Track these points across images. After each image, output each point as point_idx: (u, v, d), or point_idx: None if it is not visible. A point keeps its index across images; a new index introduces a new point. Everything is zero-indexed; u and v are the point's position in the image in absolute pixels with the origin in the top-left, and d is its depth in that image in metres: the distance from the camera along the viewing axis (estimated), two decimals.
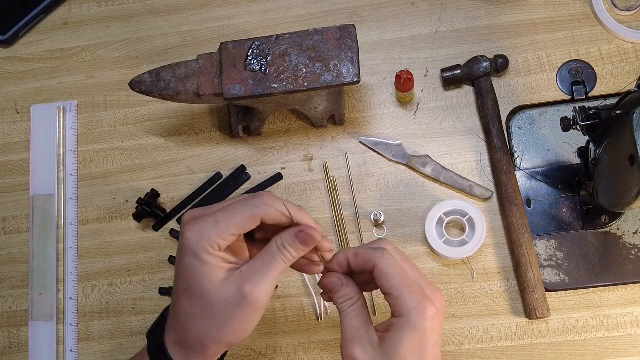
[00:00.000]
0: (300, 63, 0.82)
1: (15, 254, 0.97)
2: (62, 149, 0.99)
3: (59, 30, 1.03)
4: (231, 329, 0.62)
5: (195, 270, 0.61)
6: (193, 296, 0.62)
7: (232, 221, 0.61)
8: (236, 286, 0.61)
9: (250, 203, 0.62)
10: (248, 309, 0.61)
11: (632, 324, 0.87)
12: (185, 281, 0.62)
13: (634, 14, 0.94)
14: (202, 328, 0.62)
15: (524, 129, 0.93)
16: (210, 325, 0.62)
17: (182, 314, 0.63)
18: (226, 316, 0.61)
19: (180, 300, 0.63)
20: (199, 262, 0.61)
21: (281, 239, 0.63)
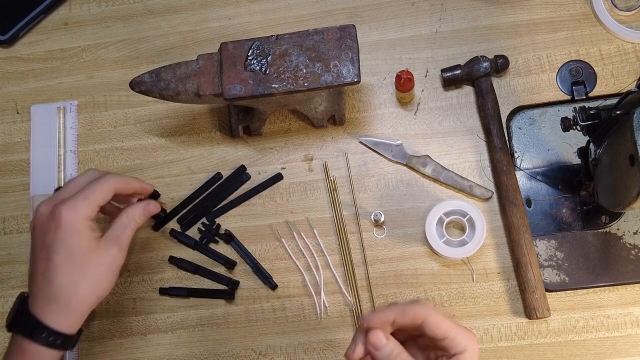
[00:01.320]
0: (300, 63, 0.82)
1: (15, 254, 0.97)
2: (62, 149, 0.99)
3: (59, 30, 1.03)
4: (104, 284, 0.78)
5: (76, 243, 0.75)
6: (76, 265, 0.75)
7: (96, 195, 0.77)
8: (107, 250, 0.78)
9: (104, 178, 0.79)
10: (116, 266, 0.78)
11: (632, 324, 0.87)
12: (68, 255, 0.75)
13: (634, 14, 0.94)
14: (82, 288, 0.75)
15: (524, 129, 0.93)
16: (89, 285, 0.76)
17: (64, 284, 0.75)
18: (101, 274, 0.77)
19: (62, 272, 0.75)
20: (79, 234, 0.76)
21: (131, 212, 0.81)
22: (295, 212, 0.94)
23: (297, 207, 0.94)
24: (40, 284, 0.76)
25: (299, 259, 0.92)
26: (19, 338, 0.75)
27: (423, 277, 0.90)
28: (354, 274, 0.91)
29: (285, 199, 0.94)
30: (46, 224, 0.77)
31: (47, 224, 0.77)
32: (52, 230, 0.76)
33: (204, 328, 0.92)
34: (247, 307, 0.92)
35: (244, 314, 0.92)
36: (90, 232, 0.77)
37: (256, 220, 0.94)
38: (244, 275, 0.93)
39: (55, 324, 0.75)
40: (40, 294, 0.76)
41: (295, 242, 0.93)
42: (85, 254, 0.76)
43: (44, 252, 0.76)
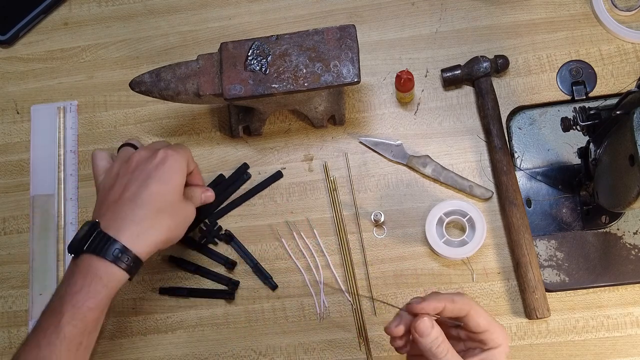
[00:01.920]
0: (300, 63, 0.82)
1: (15, 254, 0.97)
2: (62, 149, 0.99)
3: (59, 30, 1.03)
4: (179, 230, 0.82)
5: (174, 181, 0.80)
6: (166, 199, 0.79)
7: (187, 153, 0.83)
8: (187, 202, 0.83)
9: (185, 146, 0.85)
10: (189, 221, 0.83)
11: (632, 324, 0.87)
12: (164, 186, 0.79)
13: (634, 14, 0.94)
14: (165, 224, 0.79)
15: (524, 129, 0.93)
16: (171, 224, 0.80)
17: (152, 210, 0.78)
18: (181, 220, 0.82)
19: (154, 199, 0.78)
20: (178, 176, 0.80)
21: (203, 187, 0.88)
22: (295, 212, 0.94)
23: (297, 207, 0.94)
24: (127, 205, 0.78)
25: (299, 259, 0.92)
26: (86, 258, 0.75)
27: (423, 277, 0.90)
28: (354, 274, 0.91)
29: (285, 199, 0.94)
30: (149, 159, 0.80)
31: (150, 160, 0.80)
32: (156, 163, 0.80)
33: (204, 328, 0.92)
34: (247, 307, 0.92)
35: (244, 314, 0.92)
36: (184, 180, 0.81)
37: (256, 220, 0.94)
38: (244, 275, 0.93)
39: (131, 242, 0.76)
40: (122, 214, 0.77)
41: (295, 242, 0.93)
42: (175, 196, 0.80)
43: (140, 180, 0.79)
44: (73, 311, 0.74)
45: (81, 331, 0.74)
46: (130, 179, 0.80)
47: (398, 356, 0.89)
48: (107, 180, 0.82)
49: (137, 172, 0.80)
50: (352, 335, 0.90)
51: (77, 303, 0.74)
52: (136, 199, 0.78)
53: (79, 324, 0.74)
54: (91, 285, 0.74)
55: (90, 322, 0.75)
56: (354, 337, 0.90)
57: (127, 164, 0.81)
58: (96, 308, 0.75)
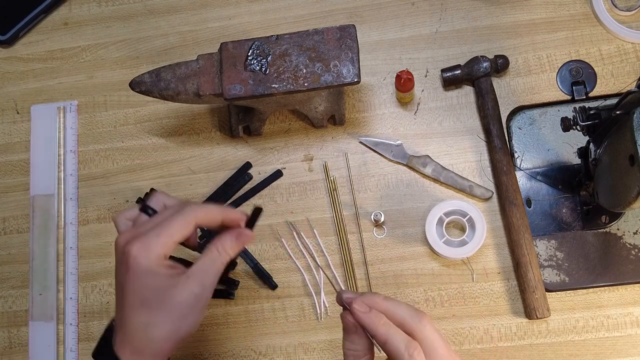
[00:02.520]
0: (300, 63, 0.82)
1: (15, 254, 0.97)
2: (62, 149, 0.99)
3: (59, 30, 1.03)
4: (185, 326, 0.68)
5: (150, 284, 0.67)
6: (152, 307, 0.67)
7: (172, 230, 0.68)
8: (189, 288, 0.67)
9: (182, 211, 0.69)
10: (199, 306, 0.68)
11: (632, 324, 0.87)
12: (141, 296, 0.67)
13: (634, 14, 0.94)
14: (164, 332, 0.67)
15: (524, 129, 0.93)
16: (171, 328, 0.67)
17: (138, 325, 0.67)
18: (184, 316, 0.67)
19: (136, 314, 0.67)
20: (153, 276, 0.67)
21: (221, 243, 0.70)
22: (295, 212, 0.94)
23: (297, 207, 0.94)
24: (119, 321, 0.69)
25: (299, 259, 0.92)
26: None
27: (423, 277, 0.90)
28: (354, 274, 0.91)
29: (285, 199, 0.94)
30: (119, 262, 0.69)
31: (119, 262, 0.69)
32: (123, 270, 0.68)
33: (203, 328, 0.92)
34: (247, 307, 0.92)
35: (244, 314, 0.92)
36: (167, 270, 0.68)
37: None
38: (244, 275, 0.93)
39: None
40: (119, 332, 0.69)
41: (295, 242, 0.93)
42: (160, 294, 0.67)
43: (118, 291, 0.69)
44: None
45: None
46: (115, 288, 0.70)
47: None
48: None
49: (116, 280, 0.70)
50: None
51: None
52: (123, 316, 0.68)
53: None
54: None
55: None
56: None
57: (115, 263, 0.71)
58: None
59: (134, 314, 0.68)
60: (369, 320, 0.64)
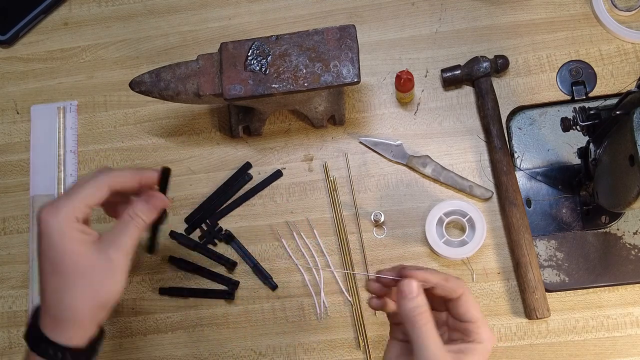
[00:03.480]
0: (300, 63, 0.82)
1: (15, 254, 0.97)
2: (62, 149, 0.99)
3: (59, 30, 1.03)
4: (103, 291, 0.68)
5: (60, 247, 0.66)
6: (62, 272, 0.66)
7: (83, 194, 0.68)
8: (102, 252, 0.67)
9: (95, 176, 0.70)
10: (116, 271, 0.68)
11: (632, 324, 0.87)
12: (52, 261, 0.67)
13: (634, 14, 0.94)
14: (75, 298, 0.67)
15: (524, 129, 0.93)
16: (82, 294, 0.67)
17: (52, 293, 0.67)
18: (97, 281, 0.67)
19: (49, 281, 0.67)
20: (62, 238, 0.66)
21: (132, 208, 0.71)
22: (295, 212, 0.94)
23: (297, 207, 0.94)
24: (40, 296, 0.69)
25: (299, 259, 0.92)
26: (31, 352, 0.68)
27: None
28: (354, 274, 0.91)
29: (285, 199, 0.94)
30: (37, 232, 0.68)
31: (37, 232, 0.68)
32: (38, 237, 0.67)
33: (204, 328, 0.92)
34: (247, 307, 0.92)
35: (244, 314, 0.92)
36: (80, 235, 0.67)
37: (256, 220, 0.94)
38: (244, 276, 0.93)
39: (59, 338, 0.67)
40: (42, 307, 0.69)
41: (295, 242, 0.93)
42: (74, 260, 0.67)
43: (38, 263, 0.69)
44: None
45: None
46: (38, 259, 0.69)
47: None
48: None
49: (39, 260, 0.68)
50: (352, 335, 0.90)
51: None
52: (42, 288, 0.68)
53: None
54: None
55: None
56: (354, 337, 0.90)
57: None
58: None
59: (47, 281, 0.67)
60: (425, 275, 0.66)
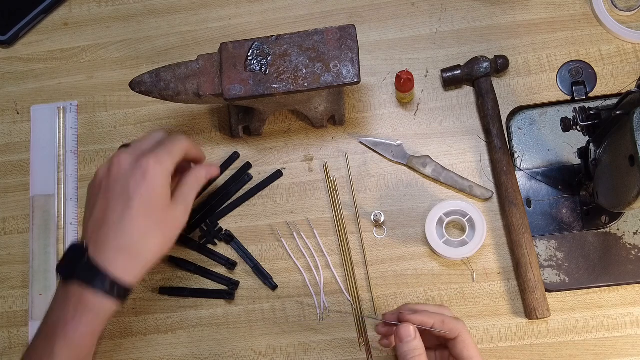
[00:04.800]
0: (300, 63, 0.82)
1: (15, 254, 0.97)
2: (62, 149, 0.99)
3: (59, 30, 1.03)
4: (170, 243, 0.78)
5: (157, 195, 0.75)
6: (155, 216, 0.75)
7: (175, 152, 0.78)
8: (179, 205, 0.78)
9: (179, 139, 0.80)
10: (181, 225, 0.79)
11: (632, 324, 0.87)
12: (149, 203, 0.75)
13: (634, 14, 0.94)
14: (158, 244, 0.76)
15: (524, 129, 0.93)
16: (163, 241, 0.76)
17: (140, 234, 0.74)
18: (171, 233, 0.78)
19: (139, 222, 0.74)
20: (164, 187, 0.76)
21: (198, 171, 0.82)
22: (295, 212, 0.94)
23: (297, 207, 0.94)
24: (112, 232, 0.74)
25: (299, 259, 0.92)
26: (76, 287, 0.73)
27: (423, 277, 0.90)
28: (354, 274, 0.91)
29: (285, 199, 0.94)
30: (129, 173, 0.75)
31: (130, 173, 0.75)
32: (136, 179, 0.75)
33: (204, 328, 0.92)
34: (247, 307, 0.92)
35: (244, 314, 0.92)
36: (169, 188, 0.77)
37: (256, 220, 0.94)
38: (244, 276, 0.93)
39: (121, 273, 0.74)
40: (109, 243, 0.74)
41: (295, 243, 0.93)
42: (161, 208, 0.76)
43: (121, 200, 0.75)
44: (66, 339, 0.73)
45: (75, 356, 0.74)
46: (112, 196, 0.75)
47: None
48: (90, 194, 0.79)
49: (118, 189, 0.75)
50: (352, 335, 0.90)
51: (70, 332, 0.73)
52: (120, 225, 0.74)
53: (73, 350, 0.74)
54: (83, 316, 0.73)
55: (84, 347, 0.75)
56: (354, 337, 0.90)
57: (109, 179, 0.76)
58: (89, 335, 0.74)
59: (136, 222, 0.74)
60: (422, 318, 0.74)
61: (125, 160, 0.76)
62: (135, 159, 0.76)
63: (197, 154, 0.83)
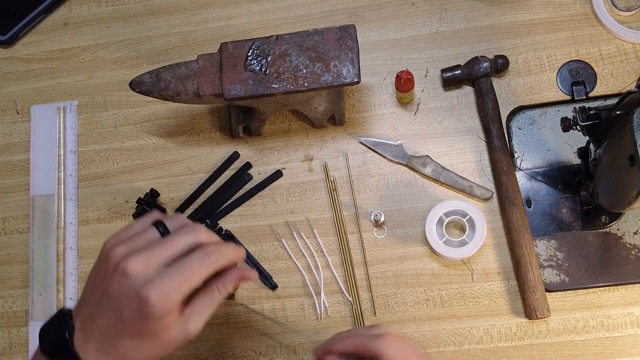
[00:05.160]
0: (300, 63, 0.82)
1: (15, 254, 0.97)
2: (62, 149, 0.99)
3: (59, 30, 1.03)
4: (164, 353, 0.67)
5: (153, 327, 0.64)
6: (145, 338, 0.65)
7: (192, 282, 0.65)
8: (182, 328, 0.66)
9: (207, 261, 0.66)
10: (182, 342, 0.67)
11: (632, 324, 0.87)
12: (139, 332, 0.64)
13: (634, 14, 0.94)
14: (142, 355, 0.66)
15: (524, 129, 0.93)
16: (152, 355, 0.66)
17: (125, 348, 0.65)
18: (167, 348, 0.66)
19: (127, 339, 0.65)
20: (160, 322, 0.64)
21: (222, 283, 0.68)
22: (295, 212, 0.94)
23: (297, 207, 0.94)
24: (101, 337, 0.65)
25: (299, 259, 0.92)
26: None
27: (423, 277, 0.90)
28: (354, 274, 0.91)
29: (285, 199, 0.94)
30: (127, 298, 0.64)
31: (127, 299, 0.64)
32: (132, 309, 0.64)
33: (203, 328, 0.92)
34: (247, 307, 0.92)
35: (244, 314, 0.92)
36: (175, 317, 0.65)
37: (256, 220, 0.94)
38: None
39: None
40: (95, 342, 0.66)
41: (295, 243, 0.93)
42: (160, 336, 0.65)
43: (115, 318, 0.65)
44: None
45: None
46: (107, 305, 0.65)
47: None
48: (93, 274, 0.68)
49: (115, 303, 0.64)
50: None
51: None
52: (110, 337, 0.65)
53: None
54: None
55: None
56: None
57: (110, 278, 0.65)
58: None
59: (124, 338, 0.65)
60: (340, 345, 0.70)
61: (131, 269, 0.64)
62: (139, 287, 0.63)
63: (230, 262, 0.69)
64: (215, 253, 0.66)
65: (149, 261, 0.64)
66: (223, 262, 0.67)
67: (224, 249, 0.67)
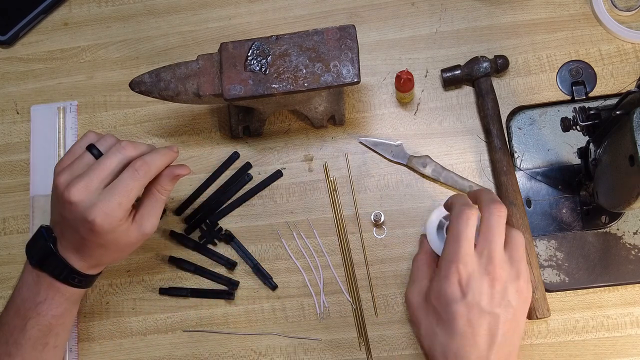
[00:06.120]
0: (300, 63, 0.82)
1: (16, 254, 0.97)
2: (62, 149, 0.99)
3: (59, 30, 1.03)
4: (132, 250, 0.80)
5: (109, 238, 0.76)
6: (107, 248, 0.77)
7: (130, 197, 0.74)
8: (140, 230, 0.78)
9: (137, 176, 0.75)
10: (143, 240, 0.79)
11: (632, 324, 0.87)
12: (99, 244, 0.76)
13: (634, 14, 0.94)
14: (111, 259, 0.80)
15: (524, 129, 0.93)
16: (117, 256, 0.81)
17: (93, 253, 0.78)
18: (132, 247, 0.79)
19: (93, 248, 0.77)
20: (112, 234, 0.75)
21: (160, 185, 0.78)
22: (295, 212, 0.94)
23: (297, 207, 0.94)
24: (73, 244, 0.77)
25: (299, 259, 0.92)
26: (47, 276, 0.78)
27: None
28: (354, 274, 0.91)
29: (285, 199, 0.94)
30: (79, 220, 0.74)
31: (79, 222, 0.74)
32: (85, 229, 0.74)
33: (204, 328, 0.92)
34: (247, 307, 0.92)
35: (244, 314, 0.92)
36: (125, 224, 0.76)
37: (256, 220, 0.94)
38: (244, 276, 0.93)
39: (86, 270, 0.79)
40: (71, 248, 0.77)
41: (295, 243, 0.93)
42: (119, 242, 0.77)
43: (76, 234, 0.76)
44: (38, 318, 0.78)
45: (46, 334, 0.79)
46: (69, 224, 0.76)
47: (398, 356, 0.89)
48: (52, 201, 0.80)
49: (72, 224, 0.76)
50: (352, 335, 0.90)
51: (42, 312, 0.78)
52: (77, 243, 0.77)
53: (44, 328, 0.79)
54: (54, 298, 0.78)
55: (56, 326, 0.79)
56: (354, 337, 0.90)
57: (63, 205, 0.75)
58: (61, 315, 0.80)
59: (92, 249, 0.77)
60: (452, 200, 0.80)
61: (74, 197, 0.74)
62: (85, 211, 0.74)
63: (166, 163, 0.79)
64: (144, 166, 0.75)
65: (88, 186, 0.74)
66: (153, 171, 0.76)
67: (151, 159, 0.76)
